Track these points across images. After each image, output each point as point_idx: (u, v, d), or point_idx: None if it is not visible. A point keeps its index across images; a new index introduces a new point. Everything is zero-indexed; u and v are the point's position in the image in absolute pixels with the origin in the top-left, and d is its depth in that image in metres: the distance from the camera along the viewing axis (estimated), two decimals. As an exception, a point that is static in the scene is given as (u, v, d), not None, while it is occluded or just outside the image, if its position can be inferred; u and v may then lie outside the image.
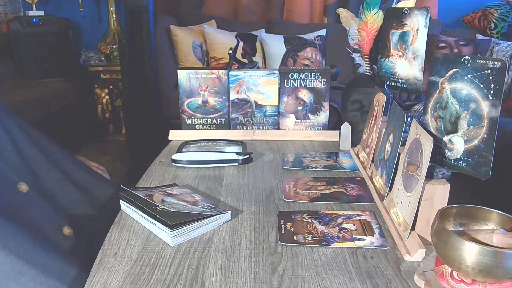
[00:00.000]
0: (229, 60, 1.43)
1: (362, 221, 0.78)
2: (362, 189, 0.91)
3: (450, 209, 0.62)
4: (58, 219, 0.81)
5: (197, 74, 1.25)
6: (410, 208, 0.68)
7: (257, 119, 1.28)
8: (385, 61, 1.00)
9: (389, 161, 0.81)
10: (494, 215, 0.61)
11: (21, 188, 0.79)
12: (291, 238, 0.72)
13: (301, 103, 1.26)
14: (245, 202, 0.86)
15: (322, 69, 1.25)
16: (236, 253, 0.68)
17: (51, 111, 2.81)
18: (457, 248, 0.53)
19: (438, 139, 0.70)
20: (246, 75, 1.24)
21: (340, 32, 1.75)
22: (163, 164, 1.06)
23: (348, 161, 1.08)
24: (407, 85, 0.95)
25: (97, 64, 3.23)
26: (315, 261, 0.66)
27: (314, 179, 0.97)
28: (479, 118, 0.64)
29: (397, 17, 0.95)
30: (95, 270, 0.63)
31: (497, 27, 2.96)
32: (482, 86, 0.63)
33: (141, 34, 2.36)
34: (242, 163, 1.05)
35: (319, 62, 2.98)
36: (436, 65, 0.71)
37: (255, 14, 3.33)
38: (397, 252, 0.69)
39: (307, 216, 0.80)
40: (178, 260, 0.66)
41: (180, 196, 0.83)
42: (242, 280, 0.61)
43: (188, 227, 0.71)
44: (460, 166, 0.67)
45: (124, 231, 0.74)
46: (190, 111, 1.27)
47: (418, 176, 0.68)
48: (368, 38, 1.10)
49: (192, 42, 2.96)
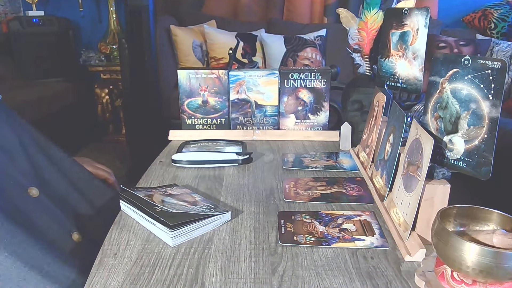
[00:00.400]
0: (229, 60, 1.43)
1: (362, 221, 0.78)
2: (362, 190, 0.91)
3: (450, 210, 0.62)
4: (68, 224, 0.81)
5: (197, 74, 1.24)
6: (410, 209, 0.68)
7: (257, 119, 1.27)
8: (385, 61, 1.00)
9: (389, 161, 0.81)
10: (494, 216, 0.61)
11: (32, 192, 0.79)
12: (291, 239, 0.72)
13: (301, 103, 1.25)
14: (245, 202, 0.86)
15: (322, 69, 1.25)
16: (236, 254, 0.68)
17: (51, 111, 2.81)
18: (458, 248, 0.53)
19: (438, 139, 0.70)
20: (246, 75, 1.24)
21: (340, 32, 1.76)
22: (163, 164, 1.06)
23: (348, 161, 1.08)
24: (407, 85, 0.94)
25: (97, 64, 3.23)
26: (315, 261, 0.66)
27: (314, 179, 0.97)
28: (479, 118, 0.63)
29: (397, 17, 0.95)
30: (95, 270, 0.63)
31: (497, 27, 2.96)
32: (483, 86, 0.63)
33: (141, 34, 2.36)
34: (242, 163, 1.05)
35: (319, 62, 2.98)
36: (437, 65, 0.71)
37: (255, 14, 3.33)
38: (397, 252, 0.68)
39: (307, 216, 0.79)
40: (178, 260, 0.66)
41: (180, 196, 0.83)
42: (242, 281, 0.61)
43: (188, 228, 0.71)
44: (460, 166, 0.67)
45: (124, 232, 0.74)
46: (190, 111, 1.27)
47: (418, 176, 0.67)
48: (368, 38, 1.10)
49: (192, 42, 2.96)
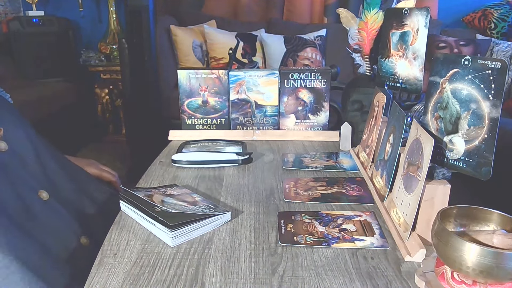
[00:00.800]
0: (229, 60, 1.43)
1: (362, 221, 0.78)
2: (363, 190, 0.91)
3: (450, 210, 0.62)
4: (77, 228, 0.81)
5: (197, 74, 1.24)
6: (411, 209, 0.68)
7: (257, 119, 1.27)
8: (385, 61, 1.00)
9: (390, 161, 0.81)
10: (494, 216, 0.61)
11: (42, 195, 0.79)
12: (291, 239, 0.72)
13: (301, 103, 1.25)
14: (245, 202, 0.85)
15: (322, 69, 1.25)
16: (236, 254, 0.68)
17: (51, 111, 2.81)
18: (458, 249, 0.53)
19: (438, 140, 0.70)
20: (246, 75, 1.24)
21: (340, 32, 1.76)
22: (163, 164, 1.06)
23: (348, 161, 1.08)
24: (407, 85, 0.94)
25: (97, 64, 3.23)
26: (315, 261, 0.66)
27: (314, 180, 0.97)
28: (479, 119, 0.63)
29: (397, 17, 0.95)
30: (95, 270, 0.63)
31: (497, 27, 2.96)
32: (483, 86, 0.63)
33: (141, 34, 2.36)
34: (242, 164, 1.05)
35: (319, 62, 2.98)
36: (437, 65, 0.71)
37: (255, 14, 3.33)
38: (398, 252, 0.68)
39: (307, 216, 0.79)
40: (178, 260, 0.66)
41: (180, 196, 0.83)
42: (242, 281, 0.61)
43: (188, 228, 0.71)
44: (460, 167, 0.67)
45: (123, 232, 0.74)
46: (190, 111, 1.27)
47: (418, 176, 0.67)
48: (368, 38, 1.10)
49: (192, 42, 2.96)
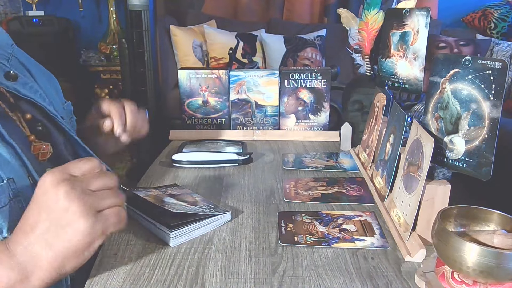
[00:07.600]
0: (229, 60, 1.43)
1: (362, 221, 0.78)
2: (363, 190, 0.91)
3: (450, 210, 0.62)
4: None
5: (197, 74, 1.24)
6: (411, 209, 0.68)
7: (257, 119, 1.27)
8: (385, 61, 1.00)
9: (390, 161, 0.81)
10: (495, 216, 0.61)
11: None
12: (291, 239, 0.72)
13: (302, 103, 1.25)
14: (245, 202, 0.85)
15: (322, 69, 1.25)
16: (236, 254, 0.68)
17: (51, 111, 2.81)
18: (458, 249, 0.53)
19: (438, 140, 0.70)
20: (246, 75, 1.24)
21: (340, 32, 1.76)
22: (163, 165, 1.06)
23: (348, 161, 1.08)
24: (407, 85, 0.94)
25: (97, 64, 3.23)
26: (316, 261, 0.66)
27: (315, 180, 0.97)
28: (480, 119, 0.63)
29: (398, 17, 0.95)
30: (95, 271, 0.63)
31: (497, 27, 2.96)
32: (483, 86, 0.63)
33: (141, 34, 2.36)
34: (242, 164, 1.05)
35: (319, 62, 2.98)
36: (437, 66, 0.71)
37: (255, 14, 3.33)
38: (398, 253, 0.68)
39: (307, 216, 0.79)
40: (178, 260, 0.66)
41: (180, 196, 0.83)
42: (242, 281, 0.61)
43: (188, 228, 0.71)
44: (460, 167, 0.67)
45: (124, 232, 0.74)
46: (190, 111, 1.27)
47: (418, 176, 0.67)
48: (369, 38, 1.10)
49: (192, 42, 2.96)
